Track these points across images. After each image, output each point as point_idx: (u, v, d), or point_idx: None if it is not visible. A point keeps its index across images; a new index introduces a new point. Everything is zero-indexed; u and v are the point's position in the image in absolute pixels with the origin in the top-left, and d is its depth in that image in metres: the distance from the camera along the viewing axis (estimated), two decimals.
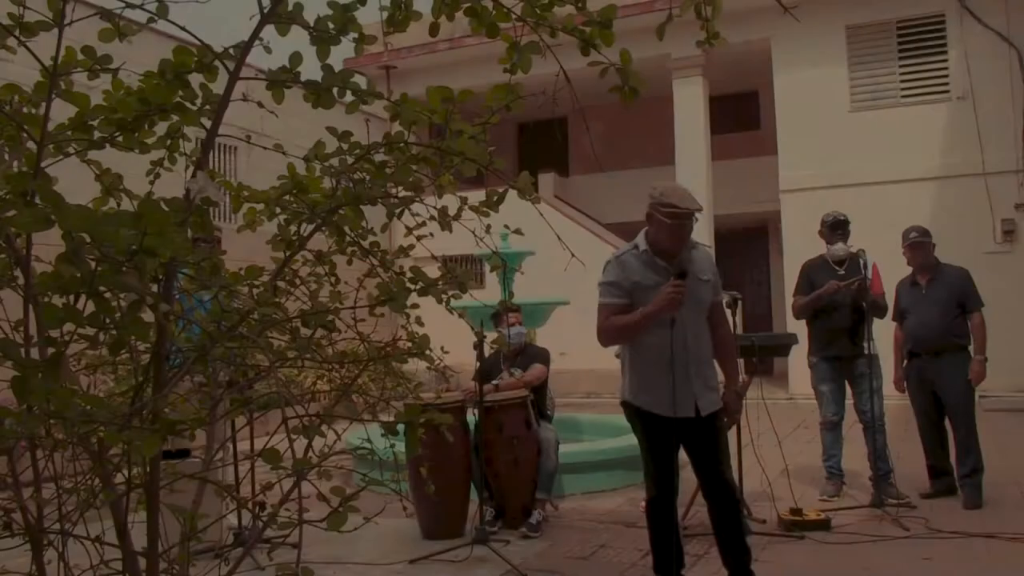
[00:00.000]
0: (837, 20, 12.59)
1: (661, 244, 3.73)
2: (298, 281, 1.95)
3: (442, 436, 5.75)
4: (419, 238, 1.90)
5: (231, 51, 1.50)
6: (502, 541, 5.05)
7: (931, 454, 6.00)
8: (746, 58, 13.95)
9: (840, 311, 5.88)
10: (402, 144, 1.70)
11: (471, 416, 5.55)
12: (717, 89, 14.84)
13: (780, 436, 8.68)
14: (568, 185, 18.24)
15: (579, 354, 13.73)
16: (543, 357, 6.10)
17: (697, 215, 3.69)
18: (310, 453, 1.59)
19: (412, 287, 1.75)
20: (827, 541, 4.92)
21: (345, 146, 1.71)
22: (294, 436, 1.58)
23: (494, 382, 5.99)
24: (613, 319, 3.73)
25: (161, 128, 1.84)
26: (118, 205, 1.76)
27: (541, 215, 1.66)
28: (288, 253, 1.72)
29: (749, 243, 16.13)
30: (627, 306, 3.72)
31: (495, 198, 1.82)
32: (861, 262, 5.87)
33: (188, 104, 1.58)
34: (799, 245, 10.22)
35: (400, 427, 1.75)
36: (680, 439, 3.82)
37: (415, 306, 1.87)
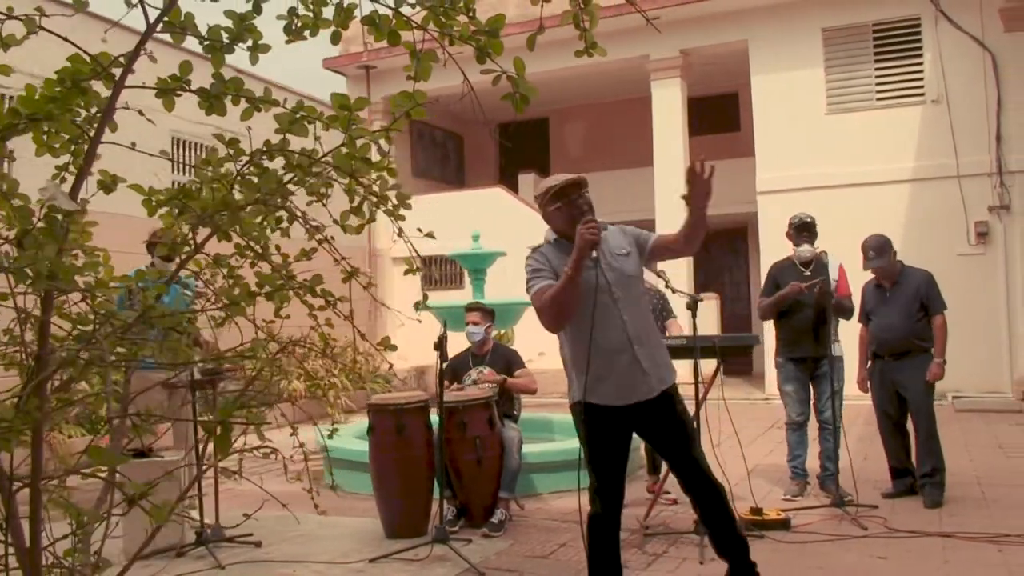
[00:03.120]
0: (813, 23, 12.67)
1: (567, 233, 3.64)
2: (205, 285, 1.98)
3: (406, 436, 5.72)
4: (320, 241, 1.93)
5: (121, 59, 1.54)
6: (463, 540, 5.07)
7: (892, 455, 6.06)
8: (725, 60, 14.02)
9: (804, 312, 5.93)
10: (298, 152, 1.74)
11: (435, 416, 5.58)
12: (697, 91, 14.89)
13: (754, 435, 8.78)
14: None
15: (556, 354, 13.75)
16: (520, 361, 6.14)
17: (584, 187, 3.63)
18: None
19: (257, 291, 1.77)
20: (785, 540, 4.96)
21: (232, 152, 1.75)
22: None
23: (472, 378, 6.03)
24: (544, 293, 3.56)
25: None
26: None
27: (401, 219, 1.68)
28: (182, 258, 1.75)
29: (729, 244, 16.22)
30: None
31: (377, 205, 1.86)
32: (827, 263, 5.93)
33: (81, 109, 1.61)
34: (776, 247, 10.27)
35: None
36: (641, 432, 3.73)
37: (322, 308, 1.90)
